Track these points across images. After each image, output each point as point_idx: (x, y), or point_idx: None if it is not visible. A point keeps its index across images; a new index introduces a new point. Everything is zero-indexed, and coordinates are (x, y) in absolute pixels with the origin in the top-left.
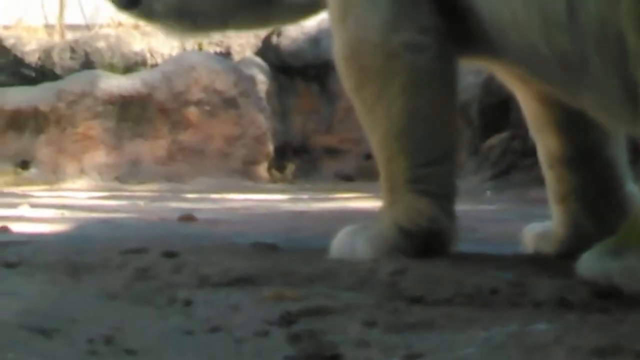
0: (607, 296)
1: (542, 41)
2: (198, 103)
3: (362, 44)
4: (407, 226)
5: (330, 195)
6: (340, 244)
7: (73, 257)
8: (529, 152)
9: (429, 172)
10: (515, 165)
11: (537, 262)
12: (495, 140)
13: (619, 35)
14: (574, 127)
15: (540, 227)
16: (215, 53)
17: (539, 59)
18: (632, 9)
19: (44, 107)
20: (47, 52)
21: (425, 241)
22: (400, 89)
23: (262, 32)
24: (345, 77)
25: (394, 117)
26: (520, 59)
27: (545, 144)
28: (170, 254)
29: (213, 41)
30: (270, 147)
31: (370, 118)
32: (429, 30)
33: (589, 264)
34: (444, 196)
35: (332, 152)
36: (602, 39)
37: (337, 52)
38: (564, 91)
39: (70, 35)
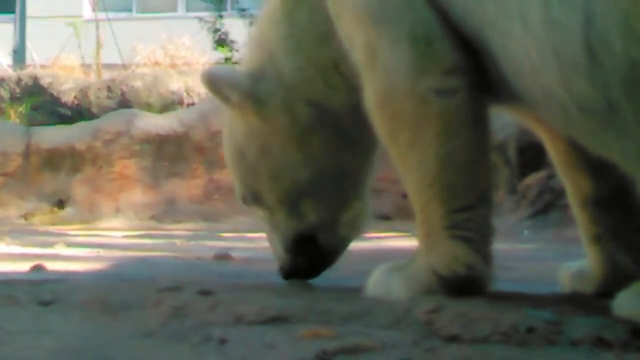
0: None
1: (559, 85)
2: None
3: (391, 91)
4: (444, 273)
5: (367, 234)
6: (375, 283)
7: (108, 296)
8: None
9: (466, 217)
10: (553, 204)
11: (574, 301)
12: (532, 179)
13: None
14: (606, 167)
15: (577, 266)
16: None
17: (557, 105)
18: None
19: (80, 146)
20: (83, 91)
21: (461, 287)
22: (433, 135)
23: None
24: (377, 125)
25: (428, 164)
26: (537, 104)
27: (577, 185)
28: (205, 292)
29: None
30: None
31: (405, 165)
32: (456, 70)
33: (626, 302)
34: (481, 240)
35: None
36: (632, 81)
37: (368, 100)
38: (585, 139)
39: (106, 75)
